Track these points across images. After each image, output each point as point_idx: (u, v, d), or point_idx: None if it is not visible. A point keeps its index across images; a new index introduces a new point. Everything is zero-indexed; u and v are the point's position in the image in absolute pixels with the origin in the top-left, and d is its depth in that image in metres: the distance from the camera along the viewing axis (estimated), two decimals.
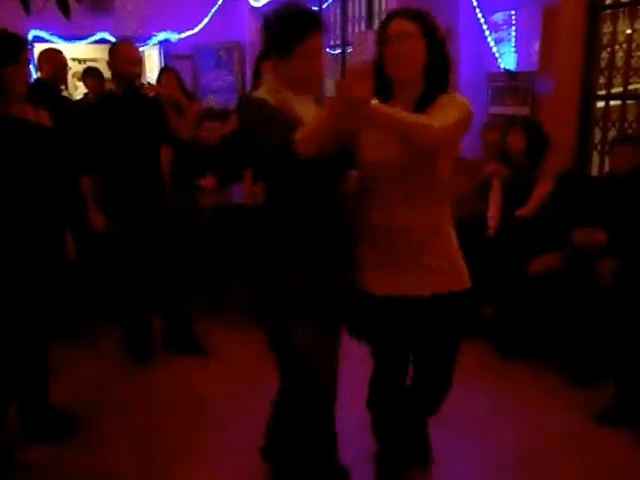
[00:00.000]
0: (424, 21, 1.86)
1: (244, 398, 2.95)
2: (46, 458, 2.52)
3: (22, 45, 2.46)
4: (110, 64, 3.17)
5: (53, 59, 4.00)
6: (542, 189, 3.36)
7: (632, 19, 3.67)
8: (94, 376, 3.23)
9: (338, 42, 6.10)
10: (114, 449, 2.60)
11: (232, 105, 5.14)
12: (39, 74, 4.09)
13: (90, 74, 5.33)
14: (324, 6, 6.20)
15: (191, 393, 3.06)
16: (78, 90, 6.46)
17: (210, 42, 7.16)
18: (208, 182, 4.08)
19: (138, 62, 3.18)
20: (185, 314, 3.48)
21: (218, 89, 7.27)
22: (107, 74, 5.13)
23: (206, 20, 7.15)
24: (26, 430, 2.63)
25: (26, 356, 2.57)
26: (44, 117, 2.58)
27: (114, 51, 3.15)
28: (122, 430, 2.73)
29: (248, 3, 6.85)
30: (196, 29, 7.15)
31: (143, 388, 3.11)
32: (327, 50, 6.36)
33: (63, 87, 4.27)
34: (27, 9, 2.50)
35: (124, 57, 3.11)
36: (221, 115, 4.67)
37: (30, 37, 6.51)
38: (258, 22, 7.36)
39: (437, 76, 1.88)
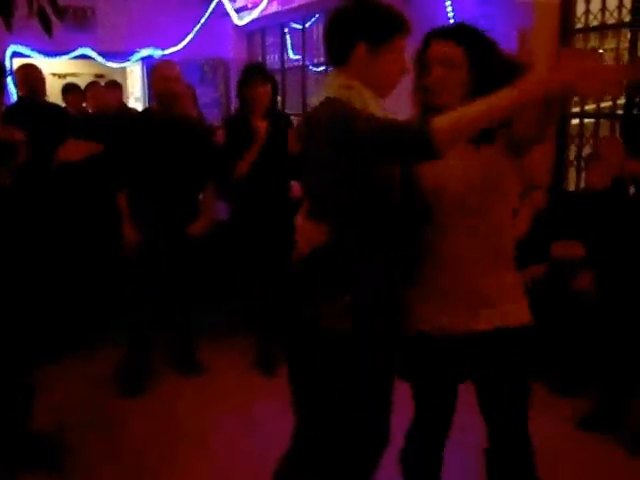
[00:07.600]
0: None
1: (232, 418, 2.97)
2: None
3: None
4: (151, 84, 3.25)
5: (27, 76, 3.91)
6: (529, 210, 3.49)
7: (602, 39, 3.85)
8: (79, 398, 3.19)
9: (322, 59, 6.19)
10: (98, 474, 2.56)
11: (217, 121, 5.24)
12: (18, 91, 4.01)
13: (70, 91, 5.30)
14: (307, 24, 6.31)
15: (178, 414, 3.04)
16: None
17: (194, 59, 7.22)
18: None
19: (174, 79, 3.15)
20: (189, 332, 3.51)
21: (203, 105, 7.32)
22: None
23: (190, 37, 7.24)
24: (6, 458, 2.50)
25: (7, 383, 2.48)
26: (17, 135, 2.54)
27: (153, 70, 3.24)
28: (107, 455, 2.70)
29: (232, 21, 6.96)
30: (180, 45, 7.23)
31: (129, 410, 3.09)
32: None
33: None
34: (8, 26, 2.42)
35: (160, 75, 3.14)
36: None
37: (10, 52, 6.53)
38: (242, 40, 7.49)
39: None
